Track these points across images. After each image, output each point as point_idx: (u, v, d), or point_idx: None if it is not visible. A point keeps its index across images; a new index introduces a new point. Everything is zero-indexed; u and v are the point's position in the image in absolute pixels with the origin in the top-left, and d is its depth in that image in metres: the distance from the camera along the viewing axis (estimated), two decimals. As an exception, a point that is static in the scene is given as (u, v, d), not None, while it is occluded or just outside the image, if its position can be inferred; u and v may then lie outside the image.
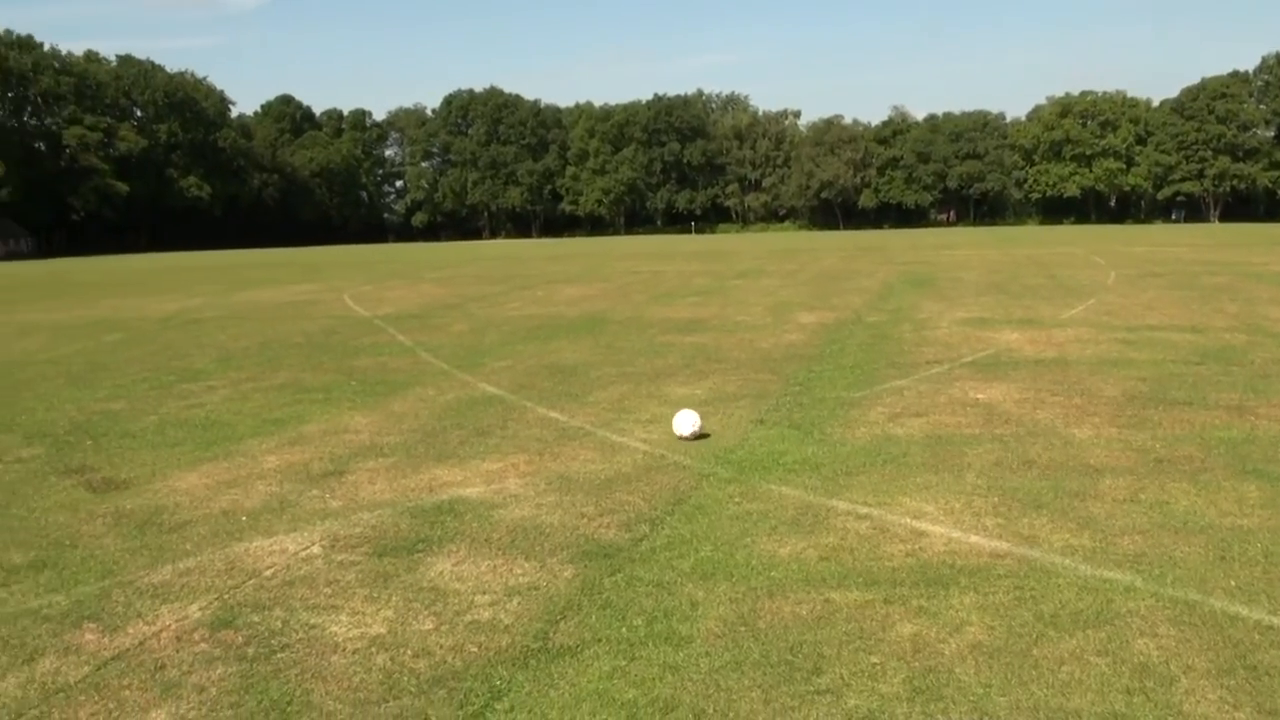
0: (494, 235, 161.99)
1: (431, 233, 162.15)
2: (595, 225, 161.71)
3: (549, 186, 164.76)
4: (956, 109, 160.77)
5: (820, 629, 5.70)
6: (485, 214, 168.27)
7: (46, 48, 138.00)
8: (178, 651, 5.87)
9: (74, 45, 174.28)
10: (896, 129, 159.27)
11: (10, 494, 9.68)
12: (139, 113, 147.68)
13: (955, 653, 5.37)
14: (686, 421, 10.58)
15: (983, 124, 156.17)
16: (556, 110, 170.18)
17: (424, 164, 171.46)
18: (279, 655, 5.76)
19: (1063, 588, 6.23)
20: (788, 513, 7.90)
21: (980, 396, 12.39)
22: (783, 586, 6.36)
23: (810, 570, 6.63)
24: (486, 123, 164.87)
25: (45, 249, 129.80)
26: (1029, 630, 5.63)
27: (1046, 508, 7.86)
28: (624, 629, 5.83)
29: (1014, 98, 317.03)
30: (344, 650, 5.77)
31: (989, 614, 5.84)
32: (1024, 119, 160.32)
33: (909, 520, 7.62)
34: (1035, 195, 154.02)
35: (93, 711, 5.21)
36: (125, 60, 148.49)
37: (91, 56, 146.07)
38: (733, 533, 7.47)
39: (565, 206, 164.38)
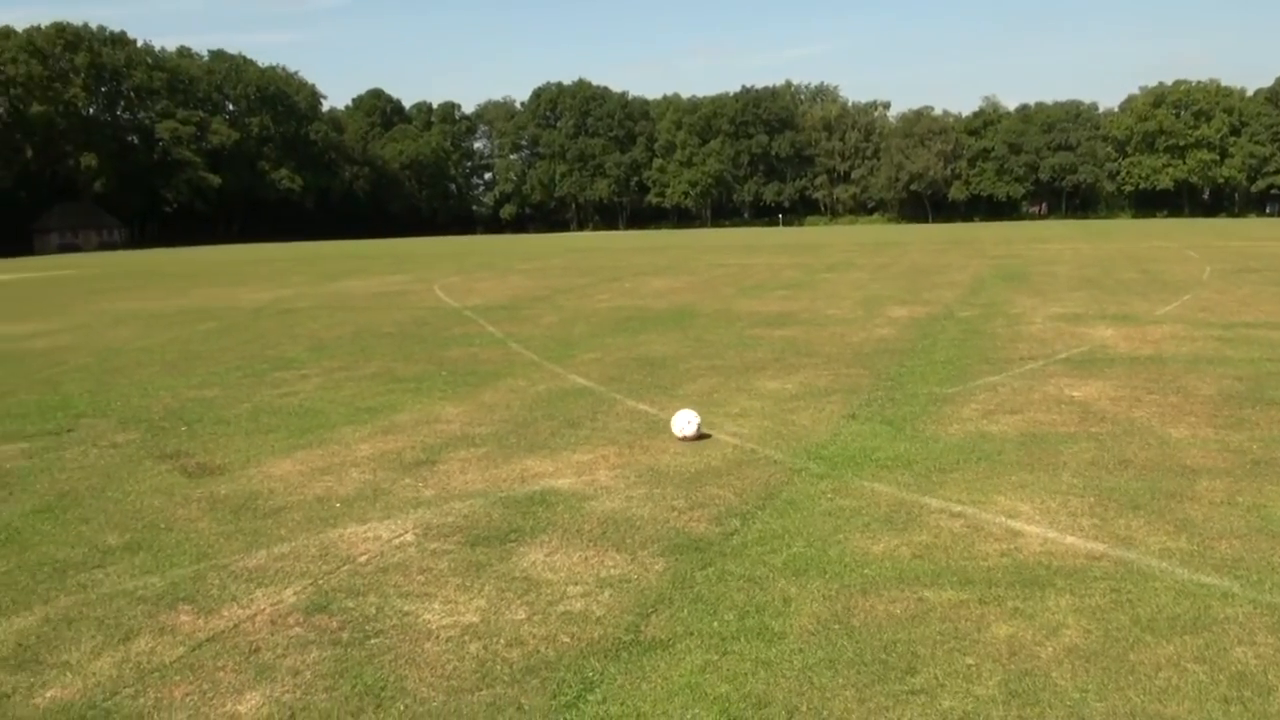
0: (581, 227, 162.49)
1: (519, 225, 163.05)
2: (682, 217, 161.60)
3: (636, 179, 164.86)
4: (1048, 99, 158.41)
5: (914, 628, 5.65)
6: (572, 206, 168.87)
7: (140, 43, 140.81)
8: (272, 635, 5.96)
9: (167, 41, 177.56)
10: (987, 120, 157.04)
11: (106, 477, 9.90)
12: (231, 106, 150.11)
13: (1051, 656, 5.29)
14: (684, 421, 10.43)
15: (1075, 114, 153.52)
16: (644, 102, 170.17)
17: (512, 156, 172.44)
18: (373, 641, 5.82)
19: (1159, 591, 6.10)
20: (881, 509, 7.84)
21: (1075, 394, 12.19)
22: (876, 584, 6.31)
23: (904, 568, 6.57)
24: (575, 115, 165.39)
25: (138, 239, 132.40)
26: (1125, 634, 5.52)
27: (1143, 509, 7.71)
28: (716, 623, 5.81)
29: (1106, 87, 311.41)
30: (437, 638, 5.82)
31: (1085, 617, 5.74)
32: (1116, 109, 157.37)
33: (1004, 519, 7.52)
34: (1128, 188, 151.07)
35: (187, 692, 5.30)
36: (217, 55, 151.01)
37: (184, 52, 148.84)
38: (825, 529, 7.42)
39: (652, 199, 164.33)
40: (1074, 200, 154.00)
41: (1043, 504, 7.88)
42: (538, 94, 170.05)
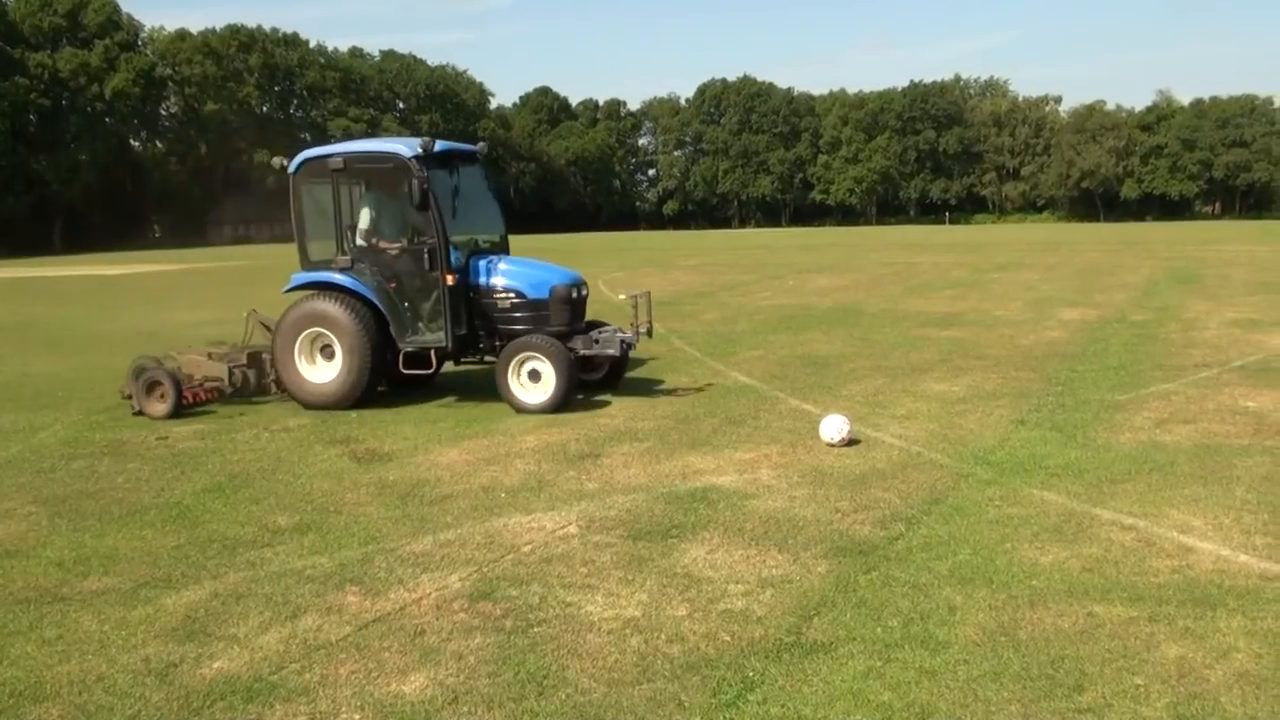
0: (743, 224, 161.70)
1: (682, 221, 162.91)
2: (846, 215, 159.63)
3: (800, 175, 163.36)
4: (1223, 93, 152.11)
5: (1083, 644, 5.53)
6: (735, 203, 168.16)
7: (312, 44, 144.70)
8: (437, 619, 6.12)
9: (339, 42, 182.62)
10: (1161, 114, 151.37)
11: (276, 460, 10.27)
12: (401, 105, 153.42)
13: (1221, 680, 5.12)
14: (834, 427, 10.27)
15: (1250, 108, 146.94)
16: (809, 98, 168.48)
17: (676, 153, 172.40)
18: (535, 630, 5.93)
19: (1336, 616, 5.86)
20: (1050, 519, 7.68)
21: (1250, 404, 11.77)
22: (1044, 596, 6.19)
23: (1073, 581, 6.44)
24: (739, 111, 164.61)
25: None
26: (1300, 660, 5.32)
27: (1321, 528, 7.42)
28: (879, 629, 5.78)
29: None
30: (599, 630, 5.90)
31: (1258, 640, 5.55)
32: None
33: (1176, 534, 7.31)
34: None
35: (353, 670, 5.47)
36: (388, 55, 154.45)
37: (356, 52, 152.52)
38: (992, 537, 7.31)
39: (815, 195, 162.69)
40: (1248, 200, 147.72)
41: (1216, 519, 7.63)
42: (702, 90, 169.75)
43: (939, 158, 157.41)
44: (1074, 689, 5.05)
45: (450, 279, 12.36)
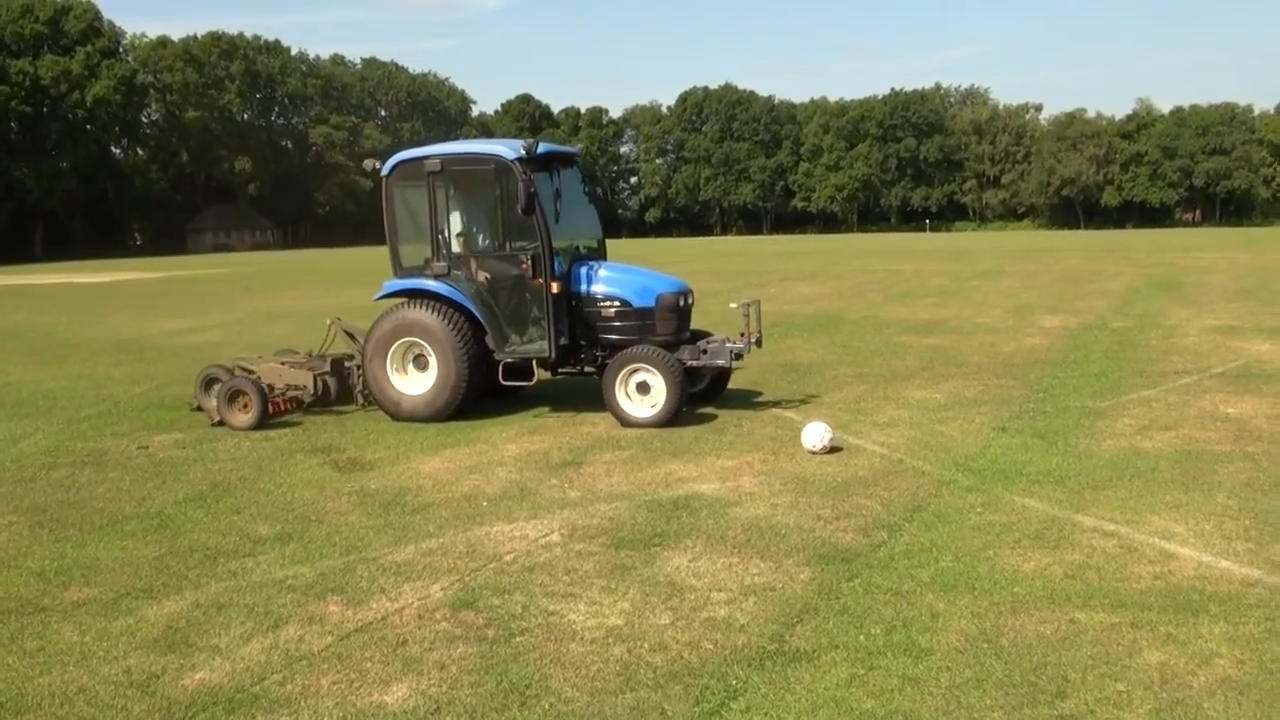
0: (725, 232, 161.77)
1: (664, 228, 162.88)
2: (827, 222, 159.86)
3: (781, 183, 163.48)
4: (1203, 101, 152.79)
5: (1065, 650, 5.54)
6: (717, 210, 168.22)
7: (294, 52, 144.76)
8: (419, 628, 6.11)
9: (321, 49, 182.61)
10: (1141, 123, 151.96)
11: (258, 469, 10.24)
12: (383, 112, 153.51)
13: (1204, 686, 5.14)
14: (815, 435, 10.26)
15: (1230, 117, 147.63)
16: (790, 106, 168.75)
17: (658, 160, 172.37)
18: (518, 639, 5.92)
19: (1317, 622, 5.89)
20: (1032, 526, 7.71)
21: (1231, 410, 11.84)
22: (1026, 603, 6.21)
23: (1055, 588, 6.46)
24: (720, 119, 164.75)
25: (290, 240, 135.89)
26: (1280, 666, 5.35)
27: (1300, 534, 7.46)
28: (862, 637, 5.79)
29: (1263, 89, 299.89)
30: (582, 639, 5.90)
31: (1239, 646, 5.58)
32: (1272, 111, 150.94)
33: (1158, 540, 7.34)
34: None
35: (334, 680, 5.46)
36: (370, 63, 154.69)
37: (337, 60, 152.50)
38: (975, 544, 7.33)
39: (797, 203, 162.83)
40: (1228, 207, 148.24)
41: (1197, 526, 7.66)
42: (684, 98, 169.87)
43: (920, 165, 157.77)
44: (1056, 695, 5.06)
45: (555, 286, 12.04)
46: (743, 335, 12.49)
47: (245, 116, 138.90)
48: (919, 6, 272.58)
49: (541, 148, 12.44)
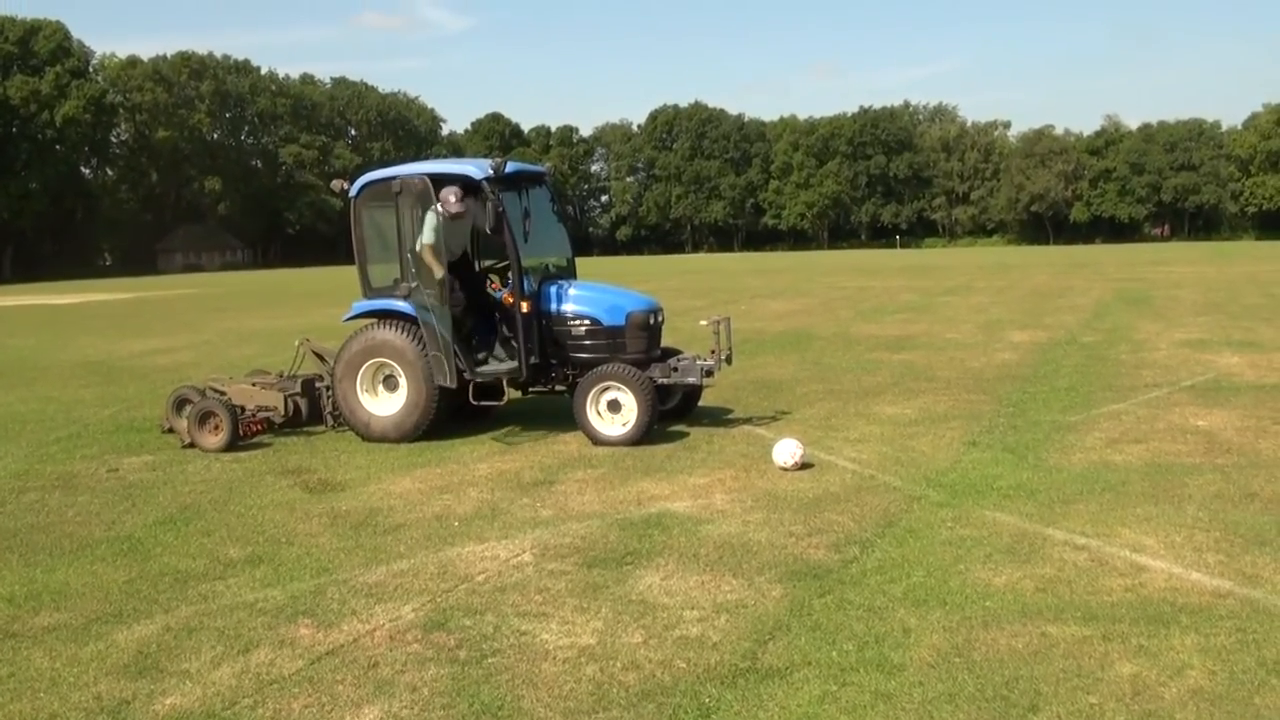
0: (696, 249, 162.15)
1: (635, 246, 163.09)
2: (798, 239, 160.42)
3: (751, 200, 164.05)
4: (1170, 117, 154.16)
5: (1037, 664, 5.56)
6: (688, 228, 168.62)
7: (264, 71, 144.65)
8: (391, 650, 6.08)
9: (291, 69, 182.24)
10: (1109, 139, 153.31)
11: (228, 491, 10.17)
12: (353, 131, 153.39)
13: (1176, 697, 5.16)
14: (786, 452, 10.27)
15: (1198, 133, 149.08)
16: (760, 124, 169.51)
17: (629, 179, 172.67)
18: (490, 660, 5.90)
19: (1286, 632, 5.93)
20: (1003, 540, 7.74)
21: (1201, 423, 11.92)
22: (998, 617, 6.23)
23: (1027, 601, 6.48)
24: (690, 137, 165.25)
25: (261, 260, 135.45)
26: (1251, 677, 5.37)
27: (1269, 545, 7.49)
28: (834, 653, 5.78)
29: (1229, 105, 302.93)
30: (554, 659, 5.88)
31: (1210, 657, 5.60)
32: (1240, 127, 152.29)
33: (1128, 553, 7.38)
34: (1251, 209, 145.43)
35: (306, 704, 5.42)
36: (340, 82, 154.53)
37: (307, 79, 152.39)
38: (946, 559, 7.35)
39: (768, 220, 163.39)
40: (1196, 222, 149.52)
41: (1167, 538, 7.71)
42: (654, 116, 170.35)
43: (889, 182, 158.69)
44: (1029, 709, 5.07)
45: (525, 305, 11.99)
46: (713, 352, 12.45)
47: (215, 136, 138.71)
48: (887, 25, 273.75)
49: (510, 167, 12.38)
